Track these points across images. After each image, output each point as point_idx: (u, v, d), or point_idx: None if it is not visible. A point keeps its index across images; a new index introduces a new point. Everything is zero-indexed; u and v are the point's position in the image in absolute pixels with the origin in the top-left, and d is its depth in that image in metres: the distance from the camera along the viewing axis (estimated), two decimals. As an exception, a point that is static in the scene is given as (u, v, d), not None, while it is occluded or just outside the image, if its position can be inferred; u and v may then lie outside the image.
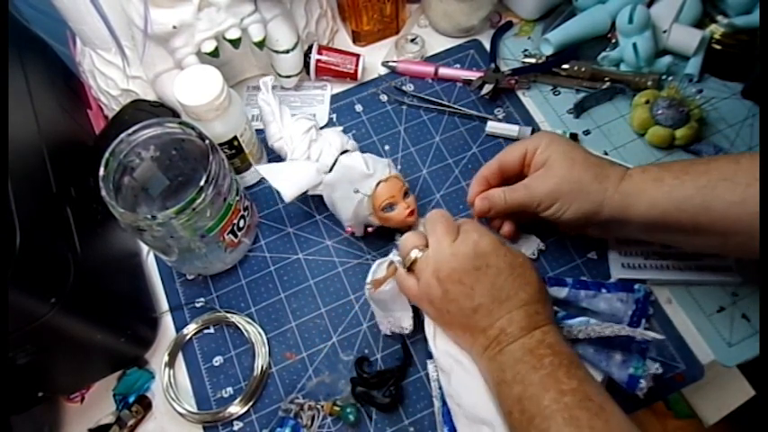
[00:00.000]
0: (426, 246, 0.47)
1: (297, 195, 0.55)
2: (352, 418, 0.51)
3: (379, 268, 0.52)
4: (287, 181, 0.55)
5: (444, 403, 0.49)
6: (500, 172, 0.53)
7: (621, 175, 0.48)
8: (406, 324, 0.52)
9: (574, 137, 0.63)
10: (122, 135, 0.49)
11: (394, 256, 0.52)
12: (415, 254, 0.47)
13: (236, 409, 0.53)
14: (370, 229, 0.56)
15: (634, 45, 0.64)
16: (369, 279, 0.51)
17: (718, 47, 0.66)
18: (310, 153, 0.57)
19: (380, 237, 0.58)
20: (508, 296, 0.43)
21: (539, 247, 0.58)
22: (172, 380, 0.55)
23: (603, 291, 0.54)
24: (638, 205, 0.47)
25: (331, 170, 0.55)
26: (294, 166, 0.56)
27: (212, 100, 0.52)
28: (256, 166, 0.57)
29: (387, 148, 0.56)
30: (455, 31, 0.72)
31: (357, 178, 0.53)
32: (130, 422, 0.52)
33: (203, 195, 0.47)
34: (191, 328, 0.57)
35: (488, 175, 0.53)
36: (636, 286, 0.54)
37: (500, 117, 0.66)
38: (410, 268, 0.48)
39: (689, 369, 0.52)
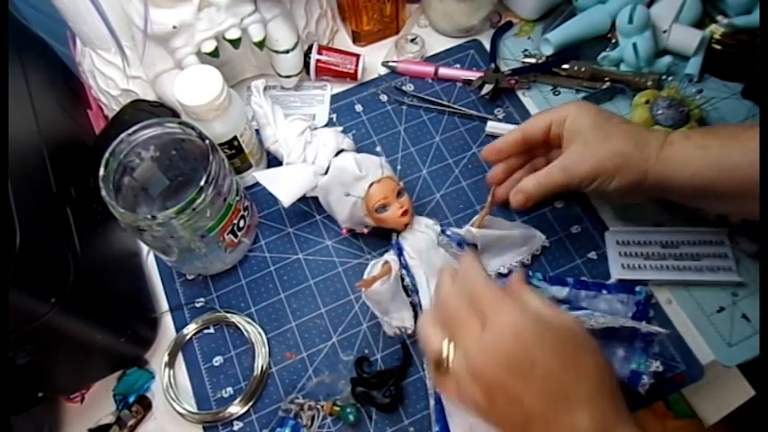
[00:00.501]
0: (450, 333, 0.38)
1: (295, 200, 0.55)
2: (352, 418, 0.51)
3: (374, 269, 0.51)
4: (284, 186, 0.55)
5: (438, 401, 0.49)
6: (524, 144, 0.50)
7: (662, 141, 0.45)
8: (408, 324, 0.52)
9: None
10: (122, 135, 0.49)
11: (389, 255, 0.52)
12: (445, 352, 0.37)
13: (236, 409, 0.53)
14: (366, 230, 0.56)
15: (634, 45, 0.64)
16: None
17: (718, 47, 0.66)
18: (306, 155, 0.57)
19: (380, 236, 0.58)
20: (565, 395, 0.34)
21: (543, 242, 0.57)
22: (172, 380, 0.55)
23: (604, 292, 0.54)
24: (682, 173, 0.45)
25: (327, 171, 0.55)
26: (291, 170, 0.56)
27: (212, 100, 0.52)
28: (254, 172, 0.57)
29: (377, 149, 0.56)
30: (455, 31, 0.72)
31: (349, 181, 0.53)
32: (130, 422, 0.52)
33: (203, 195, 0.47)
34: (191, 328, 0.56)
35: (506, 147, 0.50)
36: (637, 288, 0.54)
37: (500, 117, 0.66)
38: (443, 370, 0.38)
39: (689, 369, 0.52)
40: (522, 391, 0.35)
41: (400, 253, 0.52)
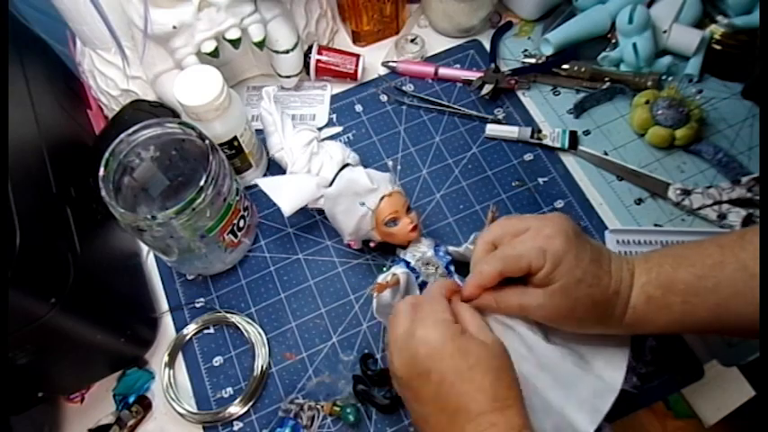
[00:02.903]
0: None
1: (296, 209, 0.55)
2: (351, 418, 0.51)
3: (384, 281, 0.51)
4: (287, 195, 0.55)
5: None
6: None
7: (624, 308, 0.42)
8: None
9: (573, 136, 0.63)
10: (122, 135, 0.49)
11: (397, 268, 0.52)
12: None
13: (236, 409, 0.53)
14: (372, 245, 0.56)
15: (634, 45, 0.64)
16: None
17: (718, 47, 0.66)
18: (311, 166, 0.57)
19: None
20: (456, 408, 0.37)
21: None
22: (172, 380, 0.55)
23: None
24: (651, 330, 0.43)
25: (331, 184, 0.55)
26: (294, 179, 0.56)
27: (212, 100, 0.52)
28: (257, 179, 0.57)
29: (389, 164, 0.56)
30: (455, 31, 0.72)
31: (361, 192, 0.52)
32: (130, 422, 0.52)
33: (203, 195, 0.47)
34: (191, 329, 0.56)
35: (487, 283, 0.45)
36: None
37: (500, 117, 0.66)
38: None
39: (689, 369, 0.52)
40: (419, 391, 0.38)
41: (408, 266, 0.52)
